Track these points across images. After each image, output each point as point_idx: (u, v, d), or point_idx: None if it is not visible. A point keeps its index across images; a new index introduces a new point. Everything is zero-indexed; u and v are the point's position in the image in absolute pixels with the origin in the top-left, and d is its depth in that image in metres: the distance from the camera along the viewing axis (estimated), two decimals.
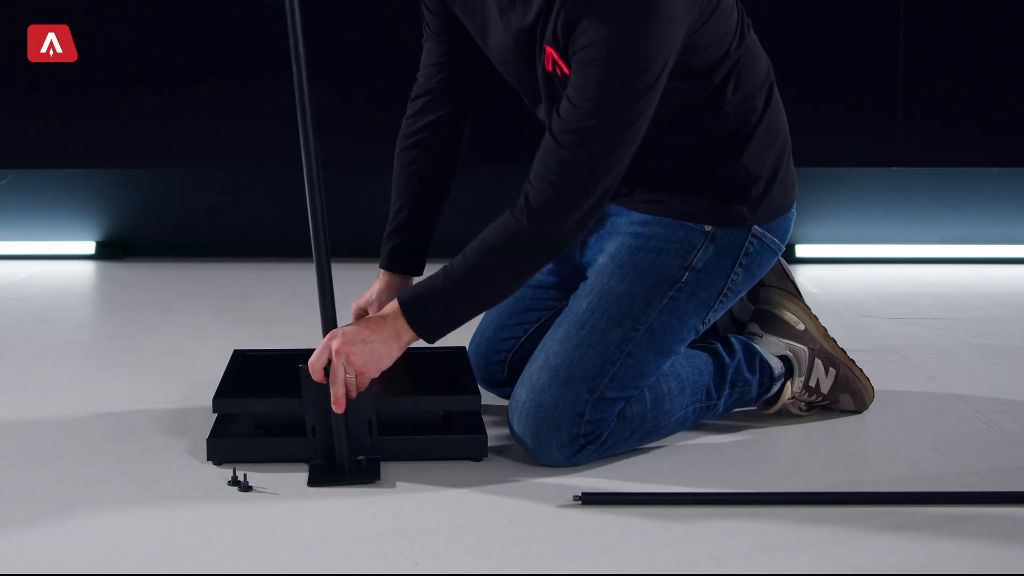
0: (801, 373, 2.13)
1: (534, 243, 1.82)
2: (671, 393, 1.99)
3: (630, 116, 1.76)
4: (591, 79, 1.75)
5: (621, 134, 1.77)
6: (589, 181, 1.79)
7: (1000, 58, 3.52)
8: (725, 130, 1.94)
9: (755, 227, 1.99)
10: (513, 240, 1.81)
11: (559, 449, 1.90)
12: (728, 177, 1.96)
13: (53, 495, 1.81)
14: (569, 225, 1.80)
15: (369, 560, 1.59)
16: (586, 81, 1.76)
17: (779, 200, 2.02)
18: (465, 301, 1.86)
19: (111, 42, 3.56)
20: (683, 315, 1.96)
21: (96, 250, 3.78)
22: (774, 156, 1.99)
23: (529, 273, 1.87)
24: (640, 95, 1.76)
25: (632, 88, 1.75)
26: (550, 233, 1.80)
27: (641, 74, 1.74)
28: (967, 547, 1.63)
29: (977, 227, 3.70)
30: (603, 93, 1.75)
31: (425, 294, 1.85)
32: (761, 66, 1.99)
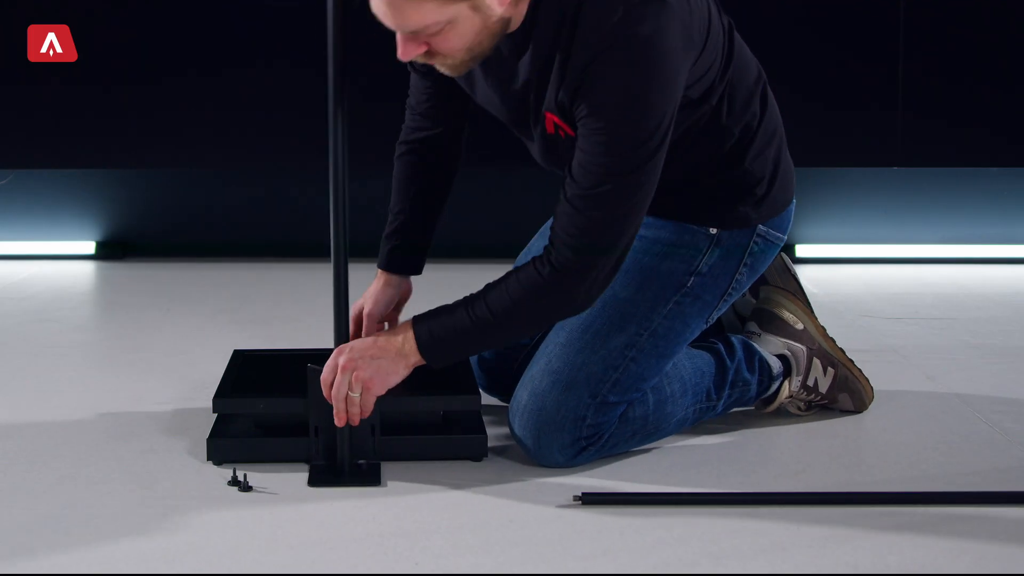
0: (799, 372, 2.12)
1: (556, 300, 1.80)
2: (674, 396, 1.99)
3: (642, 176, 1.74)
4: (600, 145, 1.73)
5: (635, 195, 1.75)
6: (608, 241, 1.76)
7: (1000, 58, 3.52)
8: (727, 142, 1.93)
9: (760, 227, 1.99)
10: (536, 296, 1.78)
11: (560, 451, 1.90)
12: (732, 182, 1.96)
13: (53, 495, 1.81)
14: (590, 284, 1.78)
15: (369, 560, 1.59)
16: (595, 147, 1.73)
17: (781, 195, 2.01)
18: (478, 341, 1.84)
19: (111, 42, 3.56)
20: (687, 318, 1.96)
21: (96, 250, 3.78)
22: (774, 153, 1.99)
23: (547, 324, 1.90)
24: (650, 155, 1.74)
25: (641, 150, 1.73)
26: (572, 292, 1.79)
27: (650, 135, 1.72)
28: (967, 547, 1.63)
29: (977, 227, 3.70)
30: (613, 158, 1.73)
31: (440, 330, 1.82)
32: (751, 71, 1.97)
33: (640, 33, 1.68)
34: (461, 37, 1.70)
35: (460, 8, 1.66)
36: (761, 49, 2.06)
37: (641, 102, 1.71)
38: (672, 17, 1.71)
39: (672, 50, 1.72)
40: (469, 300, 1.82)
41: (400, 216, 2.09)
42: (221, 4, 3.54)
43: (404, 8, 1.65)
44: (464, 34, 1.70)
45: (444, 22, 1.67)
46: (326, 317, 1.99)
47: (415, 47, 1.71)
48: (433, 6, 1.65)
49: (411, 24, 1.67)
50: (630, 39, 1.69)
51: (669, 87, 1.73)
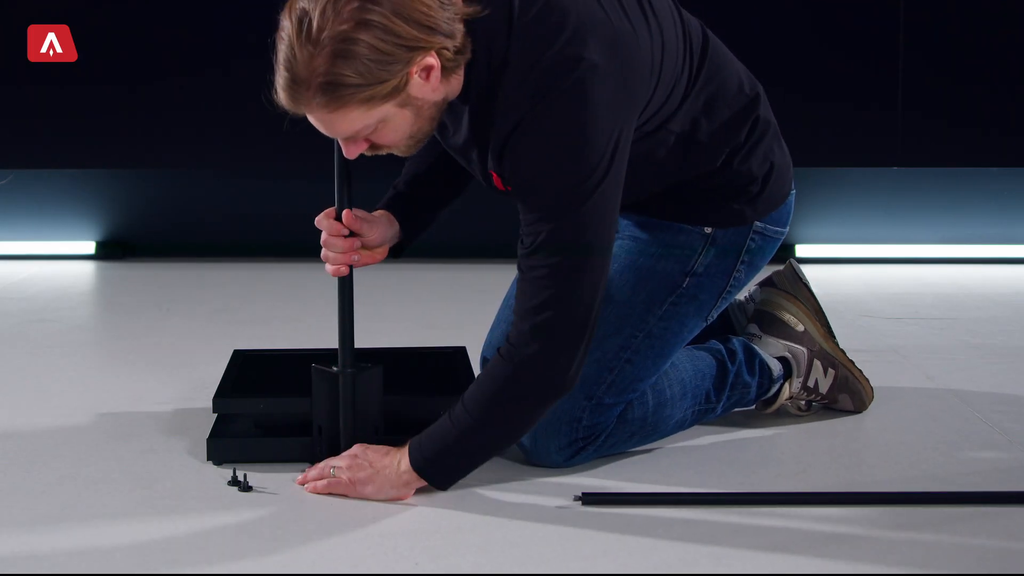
0: (800, 374, 2.12)
1: (530, 389, 1.74)
2: (673, 398, 1.98)
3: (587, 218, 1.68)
4: (532, 216, 1.70)
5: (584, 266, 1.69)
6: (567, 320, 1.70)
7: (1000, 58, 3.52)
8: (711, 154, 1.90)
9: (756, 223, 1.97)
10: (509, 390, 1.73)
11: (557, 452, 1.90)
12: (723, 184, 1.94)
13: (53, 495, 1.81)
14: (563, 365, 1.72)
15: (369, 560, 1.59)
16: (530, 219, 1.70)
17: (777, 190, 1.99)
18: (475, 449, 1.78)
19: (111, 42, 3.56)
20: (683, 319, 1.95)
21: (96, 250, 3.78)
22: (764, 152, 1.96)
23: (538, 416, 1.77)
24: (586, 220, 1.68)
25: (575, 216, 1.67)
26: (545, 382, 1.73)
27: (582, 199, 1.67)
28: (967, 547, 1.63)
29: (977, 227, 3.70)
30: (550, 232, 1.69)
31: (431, 447, 1.76)
32: (731, 84, 1.91)
33: (556, 103, 1.65)
34: (397, 131, 1.69)
35: (386, 108, 1.65)
36: (761, 49, 2.07)
37: (562, 171, 1.67)
38: (596, 78, 1.65)
39: (596, 115, 1.66)
40: (451, 413, 1.76)
41: (413, 169, 2.02)
42: (221, 4, 3.54)
43: (332, 120, 1.66)
44: (399, 128, 1.69)
45: (374, 124, 1.67)
46: (326, 317, 1.99)
47: (356, 148, 1.72)
48: (358, 114, 1.64)
49: (343, 132, 1.68)
50: (548, 108, 1.65)
51: (594, 148, 1.67)
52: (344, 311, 1.87)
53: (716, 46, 1.93)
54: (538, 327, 1.70)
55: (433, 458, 1.76)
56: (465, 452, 1.78)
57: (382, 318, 2.89)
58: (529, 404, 1.75)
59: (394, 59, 1.61)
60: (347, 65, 1.60)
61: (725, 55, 1.95)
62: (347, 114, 1.64)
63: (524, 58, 1.67)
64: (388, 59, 1.60)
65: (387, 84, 1.62)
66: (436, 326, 2.85)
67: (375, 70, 1.60)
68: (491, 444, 1.80)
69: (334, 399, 1.86)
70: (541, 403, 1.76)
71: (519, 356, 1.72)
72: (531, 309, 1.71)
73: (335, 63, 1.61)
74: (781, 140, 2.02)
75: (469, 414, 1.74)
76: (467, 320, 2.83)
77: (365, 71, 1.60)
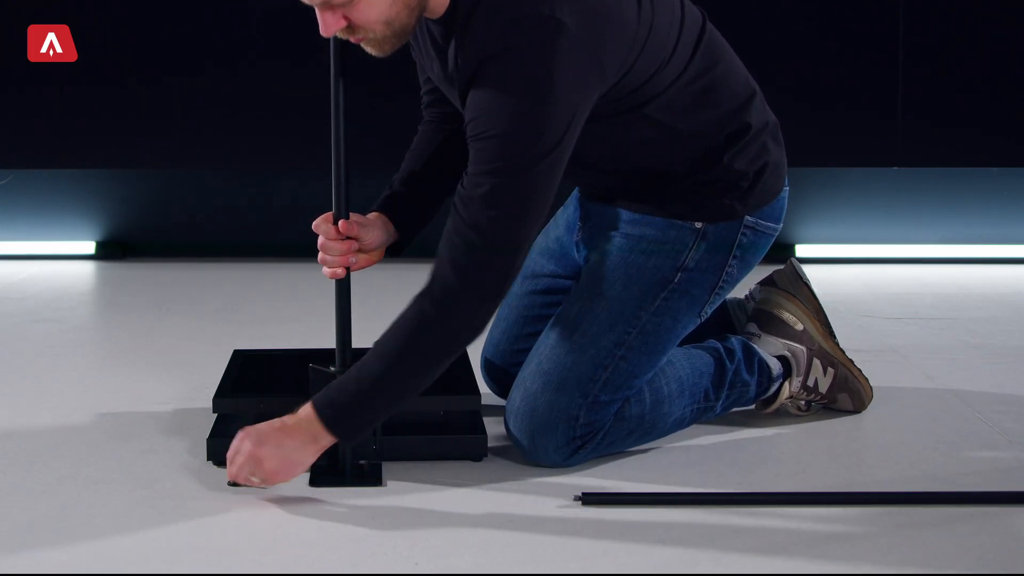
0: (799, 373, 2.12)
1: (442, 332, 1.73)
2: (671, 396, 1.98)
3: (530, 182, 1.70)
4: (483, 152, 1.70)
5: (514, 200, 1.70)
6: (490, 258, 1.70)
7: (999, 58, 3.52)
8: (698, 147, 1.91)
9: (747, 217, 1.97)
10: (422, 331, 1.72)
11: (555, 451, 1.90)
12: (713, 179, 1.94)
13: (53, 495, 1.81)
14: (474, 310, 1.72)
15: (369, 560, 1.59)
16: (479, 155, 1.71)
17: (770, 184, 1.98)
18: (382, 400, 1.75)
19: (111, 42, 3.56)
20: (676, 314, 1.95)
21: (96, 250, 3.78)
22: (757, 148, 1.95)
23: (444, 362, 1.75)
24: (527, 166, 1.69)
25: (522, 157, 1.68)
26: (456, 319, 1.72)
27: (528, 148, 1.68)
28: (967, 547, 1.63)
29: (977, 227, 3.70)
30: (490, 163, 1.69)
31: (340, 398, 1.74)
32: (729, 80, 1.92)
33: (520, 59, 1.66)
34: (373, 6, 1.69)
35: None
36: (762, 49, 2.07)
37: (515, 131, 1.68)
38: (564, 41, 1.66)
39: (557, 83, 1.67)
40: (362, 361, 1.75)
41: (409, 167, 2.02)
42: (221, 4, 3.54)
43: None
44: (376, 3, 1.69)
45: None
46: (326, 317, 1.99)
47: (333, 20, 1.70)
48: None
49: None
50: (510, 63, 1.67)
51: (551, 118, 1.68)
52: (342, 311, 1.87)
53: (715, 38, 1.94)
54: (459, 268, 1.70)
55: (343, 409, 1.73)
56: (378, 402, 1.74)
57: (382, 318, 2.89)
58: (436, 344, 1.73)
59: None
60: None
61: (725, 50, 1.95)
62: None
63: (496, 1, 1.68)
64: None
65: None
66: None
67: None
68: (397, 393, 1.74)
69: None
70: (448, 343, 1.74)
71: (435, 288, 1.71)
72: (456, 247, 1.71)
73: None
74: (779, 138, 2.01)
75: (380, 359, 1.72)
76: None
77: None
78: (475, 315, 1.73)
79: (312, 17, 1.71)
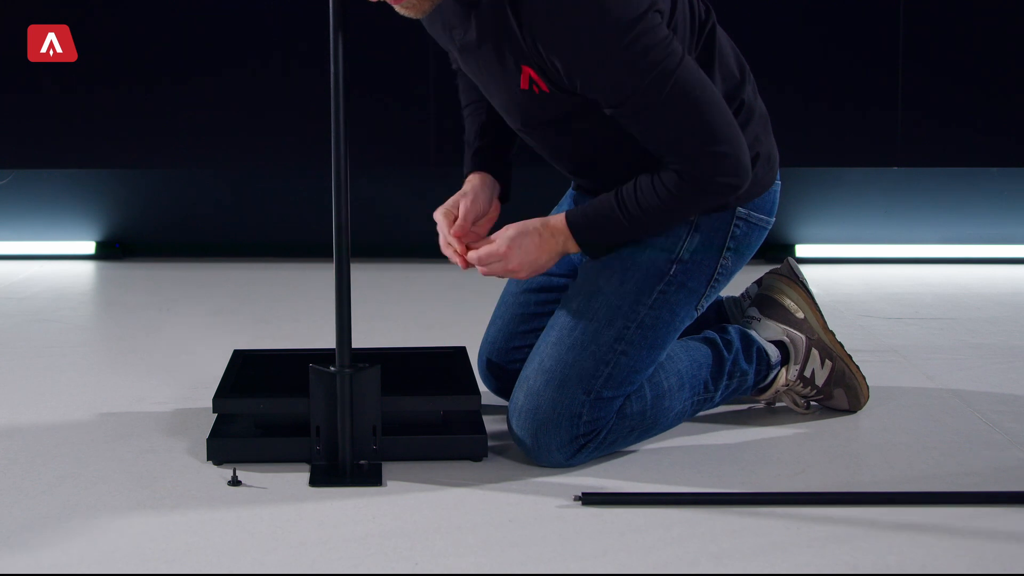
0: (797, 361, 2.12)
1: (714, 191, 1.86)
2: (671, 390, 1.99)
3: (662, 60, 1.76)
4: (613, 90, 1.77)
5: (684, 85, 1.78)
6: (705, 132, 1.80)
7: (999, 58, 3.52)
8: None
9: (739, 209, 1.98)
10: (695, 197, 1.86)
11: (559, 450, 1.90)
12: None
13: (53, 495, 1.81)
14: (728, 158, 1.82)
15: (369, 560, 1.59)
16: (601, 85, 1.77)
17: (761, 176, 1.99)
18: (632, 228, 1.90)
19: (111, 42, 3.56)
20: (674, 307, 1.96)
21: (96, 250, 3.78)
22: (750, 136, 1.96)
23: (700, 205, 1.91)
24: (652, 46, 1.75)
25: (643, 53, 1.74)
26: (719, 184, 1.84)
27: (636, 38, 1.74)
28: (967, 547, 1.63)
29: (977, 227, 3.70)
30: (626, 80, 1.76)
31: (594, 219, 1.90)
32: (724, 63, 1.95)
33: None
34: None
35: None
36: (762, 49, 2.07)
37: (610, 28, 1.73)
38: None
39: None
40: (624, 206, 1.88)
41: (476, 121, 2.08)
42: (221, 4, 3.54)
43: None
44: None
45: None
46: (326, 317, 1.99)
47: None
48: None
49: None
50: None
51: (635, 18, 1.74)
52: (342, 311, 1.87)
53: (717, 28, 1.96)
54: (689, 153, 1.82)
55: (591, 228, 1.90)
56: (621, 229, 1.90)
57: (382, 318, 2.89)
58: (708, 200, 1.89)
59: None
60: None
61: (723, 35, 1.98)
62: None
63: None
64: None
65: None
66: (436, 326, 2.85)
67: None
68: (653, 223, 1.90)
69: (331, 399, 1.87)
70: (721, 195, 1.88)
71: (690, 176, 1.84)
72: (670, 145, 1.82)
73: None
74: (769, 130, 2.03)
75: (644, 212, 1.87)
76: (467, 320, 2.83)
77: None
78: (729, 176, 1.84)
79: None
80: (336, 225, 1.86)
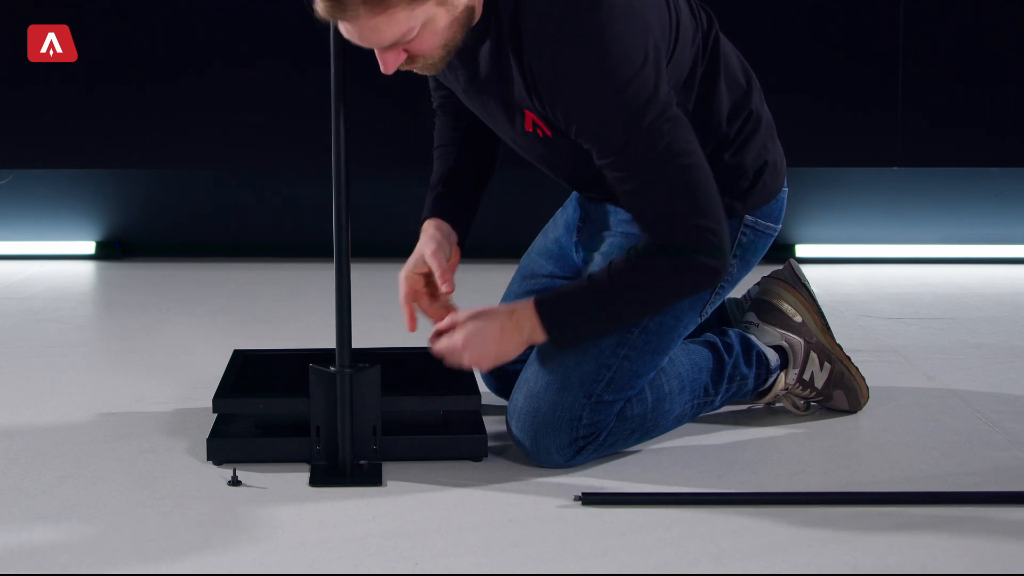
0: (796, 365, 2.12)
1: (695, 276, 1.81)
2: (672, 393, 1.98)
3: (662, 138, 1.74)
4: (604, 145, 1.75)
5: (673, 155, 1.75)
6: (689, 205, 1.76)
7: (999, 58, 3.52)
8: (711, 141, 1.92)
9: (747, 216, 1.98)
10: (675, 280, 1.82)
11: (558, 452, 1.90)
12: (716, 179, 1.94)
13: (53, 495, 1.81)
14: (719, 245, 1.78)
15: (369, 560, 1.59)
16: (601, 148, 1.76)
17: (769, 184, 1.99)
18: (602, 319, 1.85)
19: (111, 42, 3.56)
20: (678, 313, 1.95)
21: (96, 250, 3.78)
22: (757, 148, 1.96)
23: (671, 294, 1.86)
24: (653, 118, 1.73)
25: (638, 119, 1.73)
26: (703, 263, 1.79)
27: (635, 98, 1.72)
28: (967, 547, 1.63)
29: (977, 227, 3.70)
30: (620, 143, 1.74)
31: (563, 309, 1.84)
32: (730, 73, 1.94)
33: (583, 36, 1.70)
34: (435, 35, 1.72)
35: (427, 7, 1.68)
36: (762, 49, 2.06)
37: (607, 89, 1.72)
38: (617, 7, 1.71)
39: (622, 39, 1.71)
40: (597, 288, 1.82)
41: (444, 165, 2.05)
42: (221, 4, 3.54)
43: (378, 25, 1.67)
44: (437, 31, 1.72)
45: (418, 26, 1.69)
46: (326, 317, 1.99)
47: (395, 57, 1.73)
48: (404, 15, 1.67)
49: (388, 38, 1.69)
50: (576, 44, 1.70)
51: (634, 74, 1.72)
52: (342, 311, 1.87)
53: (721, 35, 1.95)
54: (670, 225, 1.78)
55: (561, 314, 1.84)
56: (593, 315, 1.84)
57: (382, 318, 2.89)
58: (687, 287, 1.84)
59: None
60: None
61: (727, 44, 1.97)
62: (393, 16, 1.66)
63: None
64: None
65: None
66: None
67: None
68: (621, 316, 1.85)
69: (331, 399, 1.87)
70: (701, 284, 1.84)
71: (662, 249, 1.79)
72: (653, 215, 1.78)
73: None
74: (775, 136, 2.02)
75: (623, 300, 1.81)
76: None
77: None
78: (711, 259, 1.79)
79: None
80: (336, 225, 1.86)
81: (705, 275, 1.81)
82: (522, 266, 2.12)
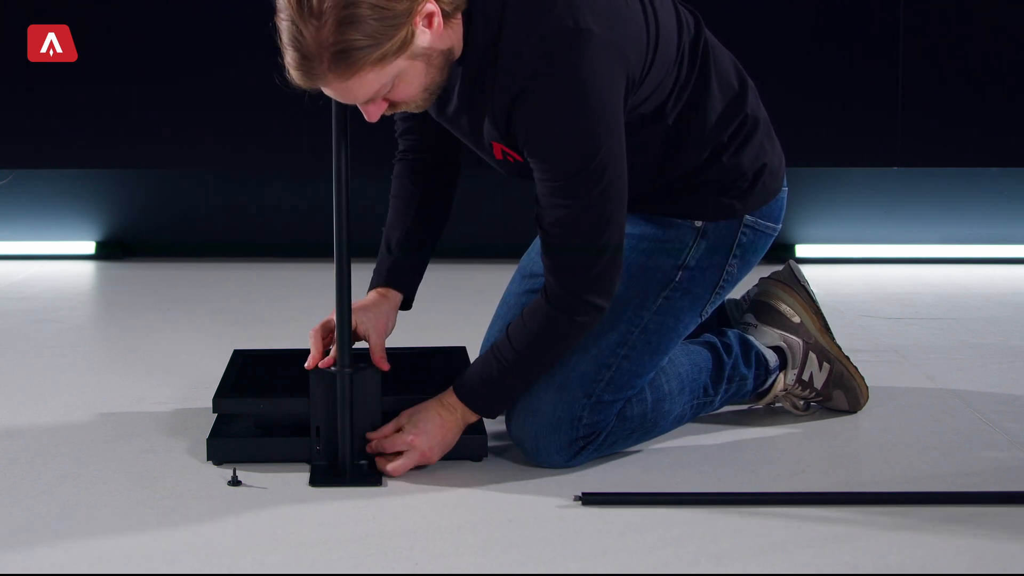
0: (795, 365, 2.12)
1: (571, 325, 1.83)
2: (671, 393, 1.98)
3: (597, 197, 1.75)
4: (548, 172, 1.76)
5: (597, 218, 1.77)
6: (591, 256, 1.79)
7: (999, 58, 3.52)
8: (699, 149, 1.92)
9: (747, 217, 1.98)
10: (552, 328, 1.83)
11: (558, 452, 1.90)
12: (713, 179, 1.94)
13: (53, 495, 1.81)
14: (596, 296, 1.81)
15: (369, 560, 1.59)
16: (545, 174, 1.76)
17: (768, 184, 1.99)
18: (519, 384, 1.89)
19: (111, 42, 3.56)
20: (678, 313, 1.96)
21: (96, 250, 3.78)
22: (755, 149, 1.96)
23: (573, 345, 1.88)
24: (598, 176, 1.74)
25: (586, 173, 1.74)
26: (581, 319, 1.82)
27: (591, 156, 1.73)
28: (967, 547, 1.63)
29: (977, 227, 3.70)
30: (562, 189, 1.75)
31: (480, 387, 1.87)
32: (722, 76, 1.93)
33: (558, 66, 1.69)
34: (412, 84, 1.73)
35: (397, 64, 1.68)
36: (761, 49, 2.07)
37: (571, 133, 1.72)
38: (595, 46, 1.70)
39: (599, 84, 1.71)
40: (496, 349, 1.87)
41: (401, 226, 2.06)
42: (221, 4, 3.54)
43: (349, 88, 1.69)
44: (413, 81, 1.73)
45: (390, 81, 1.70)
46: (326, 317, 1.99)
47: (376, 108, 1.75)
48: (373, 75, 1.67)
49: (362, 96, 1.70)
50: (550, 73, 1.70)
51: (600, 119, 1.72)
52: (342, 311, 1.87)
53: (710, 38, 1.94)
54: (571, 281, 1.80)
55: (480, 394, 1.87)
56: (507, 385, 1.88)
57: None
58: (566, 335, 1.85)
59: (396, 13, 1.64)
60: (354, 29, 1.63)
61: (717, 47, 1.96)
62: (363, 78, 1.67)
63: (520, 24, 1.71)
64: (390, 14, 1.64)
65: (395, 39, 1.65)
66: (435, 326, 2.85)
67: (381, 28, 1.64)
68: (531, 377, 1.89)
69: (331, 399, 1.87)
70: (576, 331, 1.86)
71: (551, 302, 1.81)
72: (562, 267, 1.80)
73: (342, 30, 1.64)
74: (773, 137, 2.02)
75: (515, 350, 1.84)
76: (466, 320, 2.83)
77: (372, 31, 1.64)
78: (597, 309, 1.82)
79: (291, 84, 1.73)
80: (336, 225, 1.86)
81: (594, 322, 1.85)
82: (522, 266, 2.12)
